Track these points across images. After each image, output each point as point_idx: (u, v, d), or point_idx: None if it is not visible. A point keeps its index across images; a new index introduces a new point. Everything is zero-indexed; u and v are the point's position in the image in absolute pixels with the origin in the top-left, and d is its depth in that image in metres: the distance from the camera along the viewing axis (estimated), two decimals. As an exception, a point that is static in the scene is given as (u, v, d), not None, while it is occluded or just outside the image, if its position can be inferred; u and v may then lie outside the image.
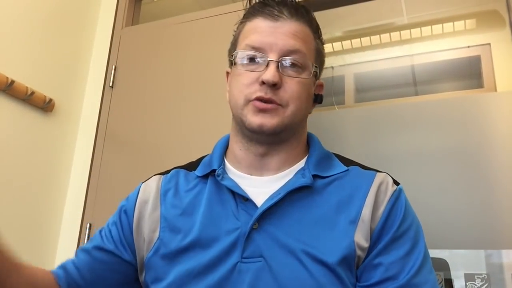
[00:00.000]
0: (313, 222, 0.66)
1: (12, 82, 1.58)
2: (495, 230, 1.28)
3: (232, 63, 0.74)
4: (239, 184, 0.71)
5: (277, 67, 0.68)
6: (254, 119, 0.68)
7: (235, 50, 0.74)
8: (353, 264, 0.64)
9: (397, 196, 0.70)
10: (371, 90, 2.86)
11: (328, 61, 3.03)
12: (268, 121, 0.67)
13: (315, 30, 0.75)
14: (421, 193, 1.40)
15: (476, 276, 1.27)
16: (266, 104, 0.68)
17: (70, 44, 1.93)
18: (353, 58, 2.75)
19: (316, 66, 0.73)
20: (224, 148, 0.80)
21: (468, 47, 2.38)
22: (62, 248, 1.79)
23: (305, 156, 0.75)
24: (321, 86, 0.80)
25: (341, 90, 2.66)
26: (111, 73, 1.96)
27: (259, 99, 0.68)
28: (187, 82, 1.78)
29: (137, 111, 1.85)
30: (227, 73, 0.79)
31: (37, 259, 1.71)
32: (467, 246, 1.30)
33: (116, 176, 1.79)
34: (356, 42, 2.65)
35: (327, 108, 2.74)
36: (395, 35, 2.55)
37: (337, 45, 2.71)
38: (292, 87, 0.69)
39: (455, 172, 1.38)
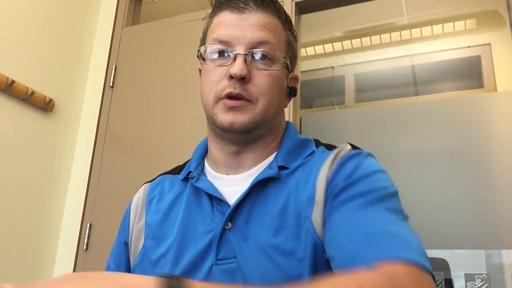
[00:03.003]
0: (279, 212, 0.64)
1: (13, 82, 1.58)
2: (495, 230, 1.28)
3: (201, 59, 0.71)
4: (216, 185, 0.70)
5: (245, 60, 0.66)
6: (225, 117, 0.66)
7: (204, 45, 0.72)
8: (320, 248, 0.61)
9: (352, 155, 0.65)
10: (372, 90, 2.86)
11: (329, 61, 3.05)
12: (238, 118, 0.65)
13: (284, 21, 0.73)
14: (421, 193, 1.40)
15: (476, 276, 1.27)
16: (236, 101, 0.65)
17: (70, 44, 1.93)
18: (354, 58, 2.76)
19: (285, 58, 0.70)
20: (204, 149, 0.79)
21: (469, 47, 2.38)
22: (62, 248, 1.79)
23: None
24: (295, 79, 0.77)
25: (341, 90, 2.66)
26: (111, 73, 1.96)
27: (229, 95, 0.65)
28: (187, 82, 1.78)
29: (137, 111, 1.85)
30: (200, 70, 0.76)
31: (38, 259, 1.71)
32: (467, 246, 1.30)
33: (116, 176, 1.79)
34: (356, 42, 2.65)
35: (327, 108, 2.74)
36: (395, 35, 2.55)
37: (338, 45, 2.71)
38: (262, 80, 0.66)
39: (455, 172, 1.38)
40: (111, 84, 1.94)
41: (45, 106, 1.73)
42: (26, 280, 1.65)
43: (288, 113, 1.55)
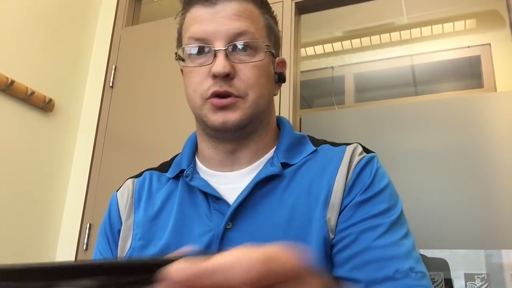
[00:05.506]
0: (287, 212, 0.62)
1: (12, 82, 1.58)
2: (495, 230, 1.28)
3: (180, 60, 0.69)
4: (210, 183, 0.67)
5: (226, 56, 0.62)
6: (215, 118, 0.63)
7: (180, 46, 0.69)
8: (329, 249, 0.60)
9: (366, 162, 0.65)
10: (371, 90, 2.86)
11: (328, 61, 3.05)
12: (230, 116, 0.63)
13: (261, 5, 0.68)
14: (421, 193, 1.40)
15: (476, 276, 1.27)
16: (225, 99, 0.62)
17: (70, 44, 1.93)
18: (353, 58, 2.76)
19: (268, 46, 0.67)
20: (194, 145, 0.75)
21: (468, 47, 2.38)
22: (62, 248, 1.79)
23: (275, 144, 0.71)
24: (282, 63, 0.74)
25: (341, 90, 2.66)
26: (111, 73, 1.96)
27: (215, 94, 0.62)
28: (187, 82, 1.78)
29: (137, 111, 1.85)
30: (182, 70, 0.73)
31: (37, 259, 1.71)
32: (467, 246, 1.30)
33: (116, 176, 1.79)
34: (356, 42, 2.65)
35: (327, 108, 2.74)
36: (395, 35, 2.55)
37: (337, 45, 2.71)
38: (247, 73, 0.63)
39: (455, 172, 1.38)
40: (111, 84, 1.94)
41: (45, 106, 1.73)
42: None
43: (288, 113, 1.55)
